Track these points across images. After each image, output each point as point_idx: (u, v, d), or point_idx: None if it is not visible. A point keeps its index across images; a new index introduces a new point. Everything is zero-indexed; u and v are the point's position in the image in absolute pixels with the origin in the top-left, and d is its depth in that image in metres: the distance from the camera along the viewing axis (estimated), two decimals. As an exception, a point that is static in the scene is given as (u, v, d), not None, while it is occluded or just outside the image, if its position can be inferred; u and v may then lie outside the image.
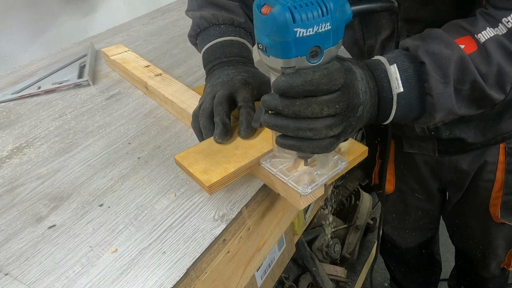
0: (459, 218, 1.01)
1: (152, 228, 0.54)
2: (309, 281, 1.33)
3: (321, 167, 0.53)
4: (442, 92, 0.49)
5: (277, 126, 0.45)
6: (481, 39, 0.50)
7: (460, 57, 0.49)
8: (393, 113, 0.51)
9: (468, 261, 1.13)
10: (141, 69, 0.90)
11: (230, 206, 0.57)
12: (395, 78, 0.50)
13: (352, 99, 0.45)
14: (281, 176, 0.52)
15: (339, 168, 0.53)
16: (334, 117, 0.44)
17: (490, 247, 0.98)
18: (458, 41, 0.50)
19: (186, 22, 1.34)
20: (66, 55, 1.12)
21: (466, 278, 1.23)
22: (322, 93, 0.42)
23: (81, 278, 0.48)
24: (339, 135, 0.46)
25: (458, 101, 0.51)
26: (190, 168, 0.55)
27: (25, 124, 0.81)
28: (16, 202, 0.61)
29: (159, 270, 0.48)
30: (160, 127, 0.76)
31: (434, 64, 0.49)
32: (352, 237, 1.57)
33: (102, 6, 1.46)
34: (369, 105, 0.48)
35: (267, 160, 0.55)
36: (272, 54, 0.42)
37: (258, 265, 0.67)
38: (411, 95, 0.50)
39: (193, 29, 0.75)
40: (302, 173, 0.53)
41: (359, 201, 1.68)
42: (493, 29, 0.50)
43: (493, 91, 0.50)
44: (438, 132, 0.78)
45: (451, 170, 0.87)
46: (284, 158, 0.55)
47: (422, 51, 0.50)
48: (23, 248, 0.52)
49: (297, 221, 1.09)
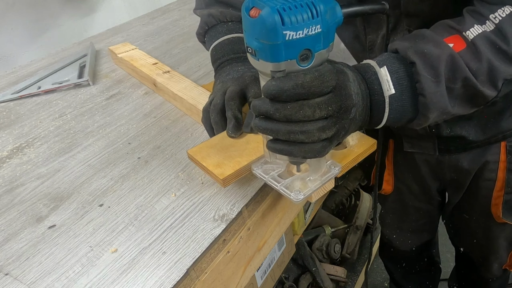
0: (460, 220, 1.01)
1: (152, 228, 0.54)
2: (309, 281, 1.33)
3: (313, 173, 0.51)
4: (435, 91, 0.48)
5: (268, 130, 0.44)
6: (470, 37, 0.49)
7: (450, 56, 0.49)
8: (386, 116, 0.50)
9: (469, 262, 1.12)
10: (149, 67, 0.92)
11: (230, 206, 0.57)
12: (386, 80, 0.49)
13: (345, 100, 0.44)
14: (273, 183, 0.51)
15: (332, 174, 0.52)
16: (327, 120, 0.43)
17: (492, 248, 0.97)
18: (446, 40, 0.50)
19: (186, 22, 1.34)
20: (66, 55, 1.12)
21: (466, 279, 1.23)
22: (314, 95, 0.42)
23: (81, 278, 0.48)
24: (332, 138, 0.45)
25: (451, 100, 0.50)
26: (204, 162, 0.55)
27: (25, 124, 0.81)
28: (16, 202, 0.61)
29: (159, 270, 0.48)
30: (160, 127, 0.76)
31: (425, 64, 0.48)
32: (352, 237, 1.57)
33: (102, 6, 1.46)
34: (361, 108, 0.48)
35: (259, 166, 0.54)
36: (261, 57, 0.41)
37: (258, 265, 0.67)
38: (403, 96, 0.50)
39: (201, 26, 0.77)
40: (295, 179, 0.51)
41: (359, 201, 1.67)
42: (480, 26, 0.49)
43: (485, 88, 0.50)
44: (439, 130, 0.78)
45: (452, 169, 0.87)
46: (276, 164, 0.54)
47: (412, 51, 0.49)
48: (23, 248, 0.52)
49: (297, 221, 1.09)
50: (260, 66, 0.42)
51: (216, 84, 0.68)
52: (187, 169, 0.64)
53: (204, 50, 1.08)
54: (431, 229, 1.16)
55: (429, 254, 1.26)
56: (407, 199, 1.03)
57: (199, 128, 0.75)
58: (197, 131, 0.74)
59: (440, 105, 0.50)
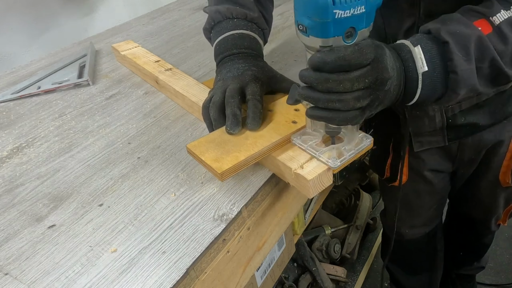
0: (467, 188, 1.05)
1: (152, 228, 0.54)
2: (309, 281, 1.33)
3: (347, 143, 0.56)
4: (466, 68, 0.52)
5: (310, 97, 0.49)
6: (496, 22, 0.53)
7: (479, 37, 0.52)
8: (418, 91, 0.54)
9: (467, 221, 1.20)
10: (152, 64, 0.93)
11: (230, 206, 0.57)
12: (419, 58, 0.53)
13: (381, 73, 0.48)
14: (312, 151, 0.56)
15: (364, 144, 0.57)
16: (363, 90, 0.47)
17: (493, 208, 1.04)
18: (475, 23, 0.54)
19: (186, 22, 1.34)
20: (66, 55, 1.12)
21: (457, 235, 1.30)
22: (354, 67, 0.45)
23: (81, 278, 0.48)
24: (365, 108, 0.49)
25: (479, 79, 0.54)
26: (202, 156, 0.57)
27: (25, 124, 0.81)
28: (16, 202, 0.61)
29: (159, 270, 0.48)
30: (160, 127, 0.76)
31: (457, 43, 0.52)
32: (352, 237, 1.57)
33: (102, 6, 1.46)
34: (396, 82, 0.51)
35: (298, 137, 0.59)
36: (312, 34, 0.45)
37: (258, 265, 0.67)
38: (435, 73, 0.53)
39: (208, 22, 0.78)
40: (331, 148, 0.56)
41: (359, 201, 1.68)
42: (506, 12, 0.53)
43: (508, 68, 0.54)
44: (455, 119, 0.82)
45: (472, 150, 0.90)
46: (313, 135, 0.59)
47: (444, 31, 0.53)
48: (23, 248, 0.52)
49: (297, 221, 1.09)
50: (310, 42, 0.46)
51: (216, 80, 0.69)
52: (187, 169, 0.64)
53: (204, 50, 1.09)
54: (439, 211, 1.17)
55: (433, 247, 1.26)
56: (421, 186, 1.03)
57: (199, 128, 0.75)
58: (197, 130, 0.74)
59: (470, 82, 0.53)
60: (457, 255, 1.37)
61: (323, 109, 0.49)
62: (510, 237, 1.79)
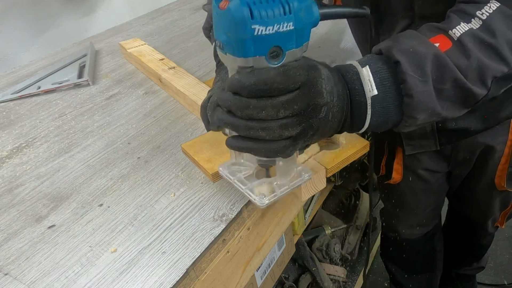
0: (463, 190, 1.05)
1: (151, 228, 0.54)
2: (309, 281, 1.33)
3: (281, 177, 0.49)
4: (422, 90, 0.46)
5: (229, 124, 0.42)
6: (456, 35, 0.47)
7: (436, 55, 0.46)
8: (368, 118, 0.47)
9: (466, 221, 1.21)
10: (156, 62, 0.94)
11: (230, 206, 0.57)
12: (367, 81, 0.46)
13: (313, 98, 0.42)
14: (238, 185, 0.49)
15: (302, 180, 0.49)
16: (292, 117, 0.41)
17: (490, 211, 1.04)
18: (431, 40, 0.48)
19: (186, 22, 1.34)
20: (66, 55, 1.13)
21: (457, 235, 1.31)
22: (278, 92, 0.39)
23: (81, 278, 0.48)
24: (296, 137, 0.42)
25: (441, 102, 0.48)
26: (196, 156, 0.57)
27: (25, 124, 0.81)
28: (16, 202, 0.61)
29: (159, 270, 0.48)
30: (160, 127, 0.76)
31: (410, 62, 0.46)
32: (352, 237, 1.57)
33: (102, 6, 1.46)
34: (336, 109, 0.45)
35: (225, 167, 0.51)
36: (229, 51, 0.39)
37: (258, 265, 0.67)
38: (387, 97, 0.47)
39: (207, 21, 0.78)
40: (261, 182, 0.49)
41: (359, 201, 1.67)
42: (466, 24, 0.48)
43: (475, 87, 0.48)
44: (445, 124, 0.80)
45: (466, 150, 0.89)
46: (244, 166, 0.51)
47: (396, 50, 0.47)
48: (22, 248, 0.52)
49: (297, 221, 1.09)
50: (228, 60, 0.40)
51: (216, 80, 0.69)
52: (186, 169, 0.64)
53: (204, 50, 1.09)
54: (436, 212, 1.18)
55: (432, 248, 1.26)
56: (416, 186, 1.03)
57: (199, 128, 0.75)
58: (197, 131, 0.74)
59: (428, 106, 0.47)
60: (456, 255, 1.38)
61: (245, 138, 0.42)
62: (510, 237, 1.79)
